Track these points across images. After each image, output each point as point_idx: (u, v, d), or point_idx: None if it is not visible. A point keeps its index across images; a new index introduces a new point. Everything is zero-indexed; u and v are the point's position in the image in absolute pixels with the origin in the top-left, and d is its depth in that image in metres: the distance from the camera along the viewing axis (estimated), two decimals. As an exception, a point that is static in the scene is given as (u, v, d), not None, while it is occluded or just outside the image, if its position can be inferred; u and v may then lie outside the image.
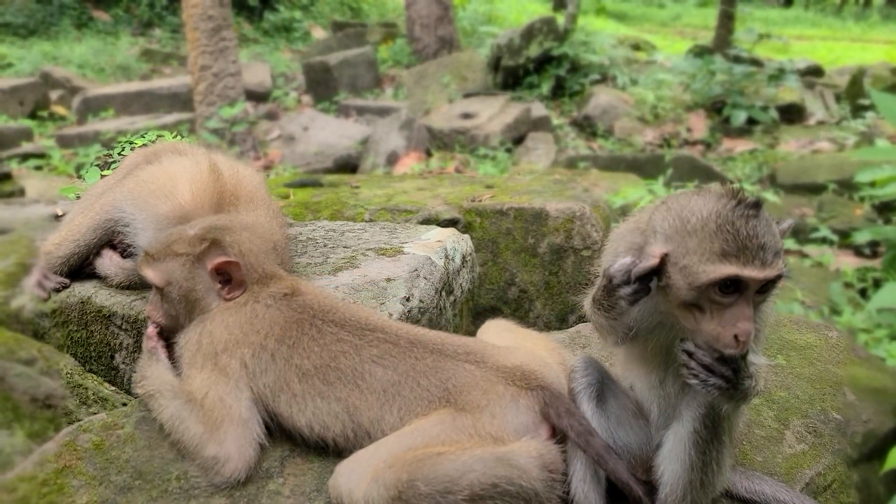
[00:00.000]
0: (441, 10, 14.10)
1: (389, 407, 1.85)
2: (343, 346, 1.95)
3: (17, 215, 3.54)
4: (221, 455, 1.86)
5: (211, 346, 1.99)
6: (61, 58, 13.73)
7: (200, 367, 1.97)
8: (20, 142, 9.53)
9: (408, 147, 9.31)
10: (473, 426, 1.74)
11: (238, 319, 2.01)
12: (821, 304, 5.10)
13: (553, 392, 1.81)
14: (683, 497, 1.78)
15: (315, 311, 2.02)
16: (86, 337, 2.71)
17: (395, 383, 1.87)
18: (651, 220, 1.67)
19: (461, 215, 3.97)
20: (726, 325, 1.56)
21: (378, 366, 1.90)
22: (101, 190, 2.83)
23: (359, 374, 1.90)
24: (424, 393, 1.84)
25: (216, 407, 1.90)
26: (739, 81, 10.93)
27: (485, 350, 1.93)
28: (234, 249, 2.08)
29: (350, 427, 1.88)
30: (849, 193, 7.46)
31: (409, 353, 1.92)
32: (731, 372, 1.62)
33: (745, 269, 1.51)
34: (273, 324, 1.99)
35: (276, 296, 2.05)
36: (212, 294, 2.07)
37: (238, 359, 1.96)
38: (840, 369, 2.61)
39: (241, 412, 1.91)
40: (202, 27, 9.23)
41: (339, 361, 1.92)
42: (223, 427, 1.88)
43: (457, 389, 1.83)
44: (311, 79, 12.79)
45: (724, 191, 1.60)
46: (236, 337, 1.98)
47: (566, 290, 3.98)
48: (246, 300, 2.05)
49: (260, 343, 1.97)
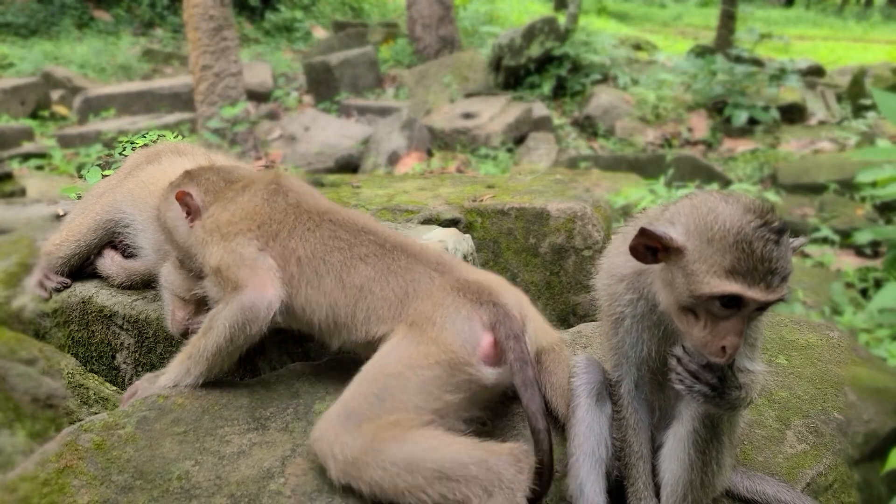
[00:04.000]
0: (442, 9, 14.10)
1: (361, 305, 2.03)
2: (339, 242, 2.10)
3: (19, 215, 3.54)
4: (247, 301, 2.02)
5: (215, 225, 2.17)
6: (62, 57, 13.74)
7: (209, 244, 2.14)
8: (21, 141, 9.53)
9: (409, 147, 9.31)
10: (420, 337, 1.90)
11: (239, 207, 2.19)
12: (822, 304, 5.09)
13: (506, 312, 1.92)
14: (684, 497, 1.78)
15: (311, 208, 2.20)
16: (87, 337, 2.71)
17: (370, 279, 2.03)
18: (675, 209, 1.64)
19: (462, 215, 3.97)
20: (716, 335, 1.55)
21: (363, 263, 2.06)
22: (102, 190, 2.83)
23: (345, 270, 2.06)
24: (389, 294, 2.01)
25: (232, 266, 2.07)
26: (741, 81, 10.92)
27: (454, 264, 2.09)
28: (189, 184, 2.31)
29: (331, 319, 2.06)
30: (850, 193, 7.45)
31: (390, 254, 2.08)
32: (716, 380, 1.61)
33: (749, 290, 1.49)
34: (273, 212, 2.17)
35: (268, 191, 2.23)
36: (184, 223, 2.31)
37: (242, 231, 2.13)
38: (841, 369, 2.60)
39: (254, 257, 2.08)
40: (203, 27, 9.23)
41: (332, 256, 2.08)
42: (241, 278, 2.04)
43: (414, 294, 1.99)
44: (313, 79, 12.79)
45: (754, 206, 1.55)
46: (240, 217, 2.16)
47: (567, 291, 3.98)
48: (235, 195, 2.23)
49: (259, 225, 2.14)
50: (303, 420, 2.12)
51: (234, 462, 1.96)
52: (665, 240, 1.57)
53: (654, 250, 1.61)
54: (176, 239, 2.37)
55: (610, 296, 1.83)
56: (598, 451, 1.86)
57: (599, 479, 1.84)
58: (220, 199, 2.26)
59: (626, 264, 1.77)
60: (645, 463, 1.85)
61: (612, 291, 1.82)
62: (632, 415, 1.86)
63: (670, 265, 1.61)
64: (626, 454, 1.86)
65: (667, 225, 1.61)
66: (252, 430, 2.07)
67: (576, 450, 1.86)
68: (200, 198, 2.29)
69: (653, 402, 1.90)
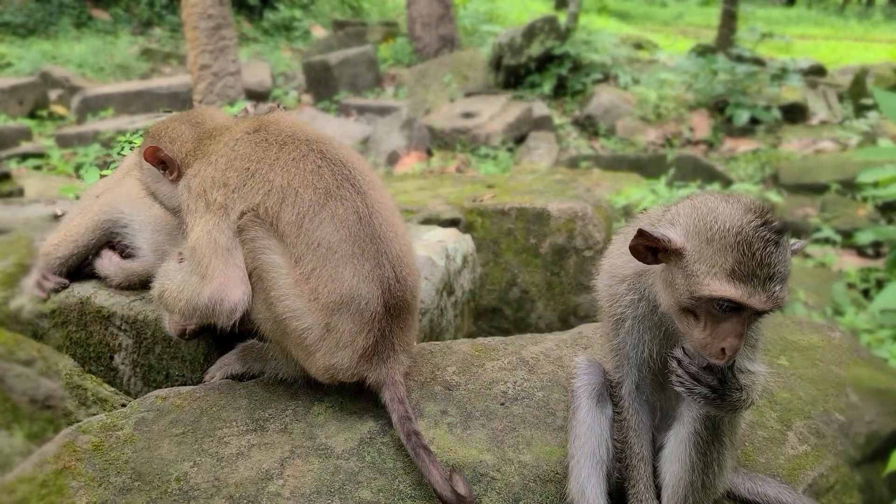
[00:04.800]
0: (442, 8, 14.08)
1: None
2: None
3: (17, 215, 3.53)
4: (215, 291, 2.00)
5: (202, 189, 2.12)
6: (60, 57, 13.72)
7: (194, 213, 2.10)
8: (19, 141, 9.51)
9: (409, 146, 9.30)
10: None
11: (220, 156, 2.14)
12: (824, 304, 5.08)
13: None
14: (685, 499, 1.77)
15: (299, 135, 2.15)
16: (85, 337, 2.70)
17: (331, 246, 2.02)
18: (674, 211, 1.64)
19: (462, 215, 3.96)
20: (716, 337, 1.55)
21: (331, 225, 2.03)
22: (100, 190, 2.82)
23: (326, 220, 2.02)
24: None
25: (206, 252, 2.03)
26: (742, 81, 10.90)
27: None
28: (153, 140, 2.26)
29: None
30: (851, 193, 7.43)
31: (366, 225, 2.04)
32: (717, 382, 1.61)
33: (749, 298, 1.49)
34: (253, 150, 2.12)
35: (248, 131, 2.18)
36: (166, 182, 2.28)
37: (222, 193, 2.08)
38: (843, 370, 2.60)
39: (228, 247, 2.04)
40: (202, 26, 9.22)
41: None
42: (211, 268, 2.02)
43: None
44: (312, 78, 12.77)
45: (754, 206, 1.54)
46: (222, 168, 2.11)
47: (568, 291, 3.97)
48: (217, 145, 2.18)
49: (243, 167, 2.09)
50: (301, 421, 2.11)
51: (232, 463, 1.95)
52: (663, 242, 1.56)
53: (654, 251, 1.60)
54: (168, 204, 2.33)
55: (611, 297, 1.82)
56: (598, 452, 1.85)
57: (600, 480, 1.83)
58: (202, 152, 2.20)
59: (628, 265, 1.76)
60: (646, 464, 1.84)
61: (613, 292, 1.81)
62: (633, 416, 1.85)
63: (671, 266, 1.60)
64: (627, 456, 1.85)
65: (667, 226, 1.60)
66: (251, 432, 2.06)
67: (576, 451, 1.85)
68: (170, 149, 2.23)
69: (654, 403, 1.89)
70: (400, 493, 1.91)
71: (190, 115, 2.34)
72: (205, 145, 2.21)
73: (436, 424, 2.13)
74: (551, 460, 2.03)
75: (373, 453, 2.02)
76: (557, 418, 2.19)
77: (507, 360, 2.45)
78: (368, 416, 2.14)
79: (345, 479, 1.93)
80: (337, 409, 2.16)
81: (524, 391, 2.30)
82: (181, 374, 2.62)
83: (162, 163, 2.24)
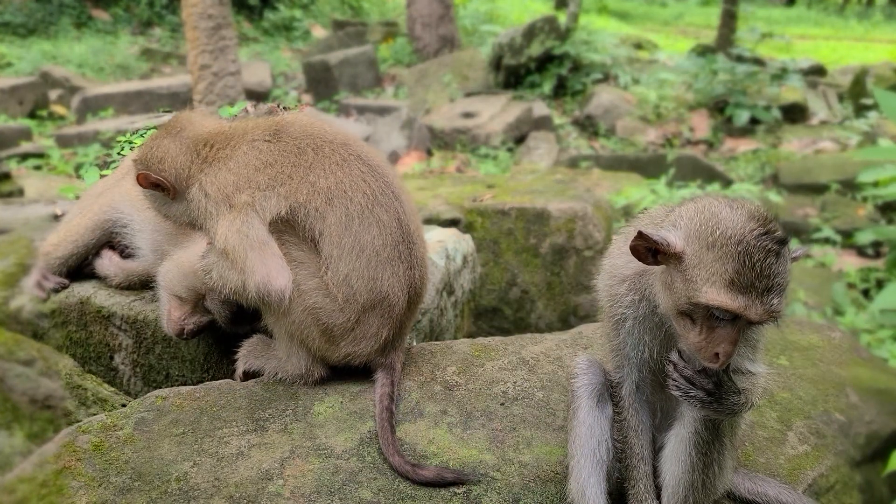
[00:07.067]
0: (442, 8, 14.08)
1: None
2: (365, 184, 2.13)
3: (17, 215, 3.53)
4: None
5: (223, 194, 2.10)
6: (60, 57, 13.71)
7: (217, 218, 2.09)
8: (19, 141, 9.51)
9: (409, 146, 9.30)
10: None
11: (239, 162, 2.13)
12: (824, 304, 5.08)
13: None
14: (685, 499, 1.77)
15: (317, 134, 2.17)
16: (85, 337, 2.70)
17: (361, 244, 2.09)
18: (677, 213, 1.63)
19: (462, 215, 3.96)
20: (711, 341, 1.54)
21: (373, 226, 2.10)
22: (100, 190, 2.82)
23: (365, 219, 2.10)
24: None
25: (239, 250, 2.04)
26: (742, 81, 10.90)
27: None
28: (142, 166, 2.22)
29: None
30: (852, 193, 7.43)
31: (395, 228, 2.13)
32: (712, 385, 1.60)
33: (746, 310, 1.48)
34: (279, 155, 2.12)
35: (268, 136, 2.16)
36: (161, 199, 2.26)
37: (248, 193, 2.07)
38: (843, 370, 2.60)
39: (264, 240, 2.06)
40: (202, 26, 9.22)
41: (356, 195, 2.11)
42: (249, 263, 2.03)
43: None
44: (312, 78, 12.77)
45: (757, 214, 1.52)
46: (245, 173, 2.10)
47: (568, 291, 3.97)
48: (233, 151, 2.15)
49: (271, 174, 2.09)
50: (301, 421, 2.11)
51: (232, 463, 1.95)
52: (662, 245, 1.56)
53: (654, 252, 1.60)
54: (183, 220, 2.28)
55: (611, 297, 1.82)
56: (599, 452, 1.85)
57: (601, 480, 1.83)
58: (208, 159, 2.16)
59: (628, 265, 1.76)
60: (646, 465, 1.84)
61: (613, 292, 1.81)
62: (633, 416, 1.85)
63: (670, 268, 1.59)
64: (628, 456, 1.85)
65: (669, 228, 1.60)
66: (251, 432, 2.06)
67: (577, 451, 1.85)
68: (160, 169, 2.18)
69: (654, 403, 1.89)
70: (400, 493, 1.91)
71: (168, 129, 2.26)
72: (210, 152, 2.17)
73: (436, 424, 2.13)
74: (551, 460, 2.03)
75: (373, 453, 2.02)
76: (557, 418, 2.19)
77: (507, 360, 2.45)
78: (368, 416, 2.14)
79: (345, 479, 1.93)
80: (337, 409, 2.16)
81: (524, 391, 2.30)
82: (181, 374, 2.62)
83: (157, 185, 2.21)
